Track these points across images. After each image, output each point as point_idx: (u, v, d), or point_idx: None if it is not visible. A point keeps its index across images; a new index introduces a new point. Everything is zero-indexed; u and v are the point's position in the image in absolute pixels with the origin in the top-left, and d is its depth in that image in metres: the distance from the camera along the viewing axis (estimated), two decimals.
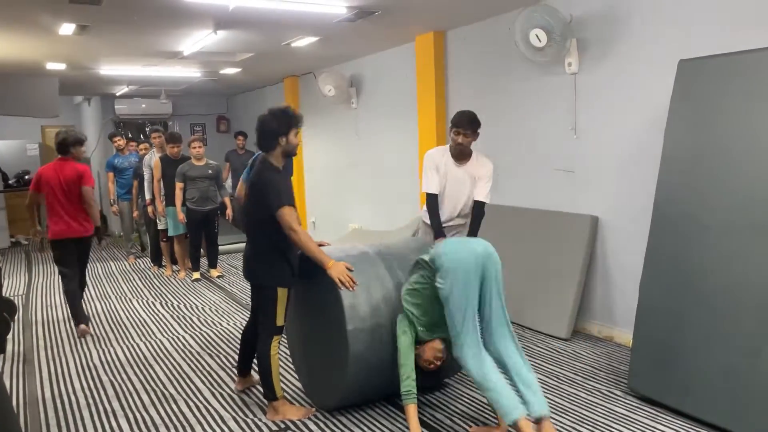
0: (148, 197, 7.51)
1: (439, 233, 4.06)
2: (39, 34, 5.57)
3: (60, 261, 5.22)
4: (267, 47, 6.63)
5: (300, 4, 4.75)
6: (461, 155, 4.09)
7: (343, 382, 3.33)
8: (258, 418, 3.53)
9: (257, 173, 3.41)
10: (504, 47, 5.27)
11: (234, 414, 3.60)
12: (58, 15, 4.92)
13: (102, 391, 3.99)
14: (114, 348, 4.88)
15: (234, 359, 4.41)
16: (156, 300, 6.43)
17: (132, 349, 4.83)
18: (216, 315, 5.78)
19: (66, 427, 3.51)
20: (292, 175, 4.17)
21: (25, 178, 10.91)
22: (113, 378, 4.22)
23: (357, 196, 8.18)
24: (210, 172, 6.99)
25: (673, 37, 4.03)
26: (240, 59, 7.30)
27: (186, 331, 5.27)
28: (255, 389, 3.90)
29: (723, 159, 3.33)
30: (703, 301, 3.31)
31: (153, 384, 4.10)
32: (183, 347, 4.85)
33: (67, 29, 5.37)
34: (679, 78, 3.62)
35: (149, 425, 3.49)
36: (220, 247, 7.70)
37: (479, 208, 4.09)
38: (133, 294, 6.73)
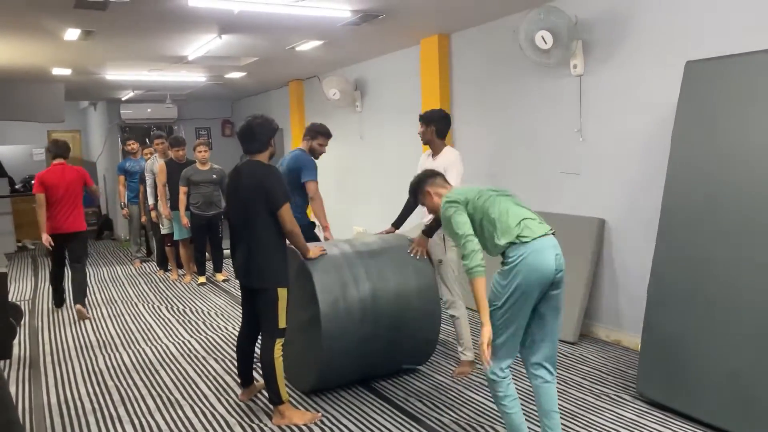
0: (151, 202, 7.58)
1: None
2: (44, 39, 5.59)
3: (50, 254, 6.03)
4: (272, 51, 6.64)
5: (304, 8, 4.75)
6: (431, 147, 4.32)
7: (319, 360, 3.64)
8: (264, 423, 3.51)
9: (260, 174, 3.42)
10: (509, 49, 5.25)
11: (240, 419, 3.58)
12: (63, 20, 4.93)
13: (108, 397, 3.99)
14: (120, 353, 4.88)
15: None
16: (162, 304, 6.43)
17: (138, 354, 4.83)
18: (221, 319, 5.77)
19: None
20: None
21: (32, 183, 10.96)
22: (119, 383, 4.22)
23: (362, 198, 8.17)
24: (214, 176, 6.98)
25: (680, 39, 4.00)
26: (245, 63, 7.32)
27: (192, 336, 5.27)
28: (260, 395, 3.89)
29: (731, 161, 3.30)
30: (713, 305, 3.27)
31: (159, 389, 4.09)
32: (189, 352, 4.84)
33: (73, 34, 5.39)
34: (687, 79, 3.59)
35: (155, 431, 3.48)
36: (225, 251, 7.69)
37: None
38: (139, 298, 6.74)
